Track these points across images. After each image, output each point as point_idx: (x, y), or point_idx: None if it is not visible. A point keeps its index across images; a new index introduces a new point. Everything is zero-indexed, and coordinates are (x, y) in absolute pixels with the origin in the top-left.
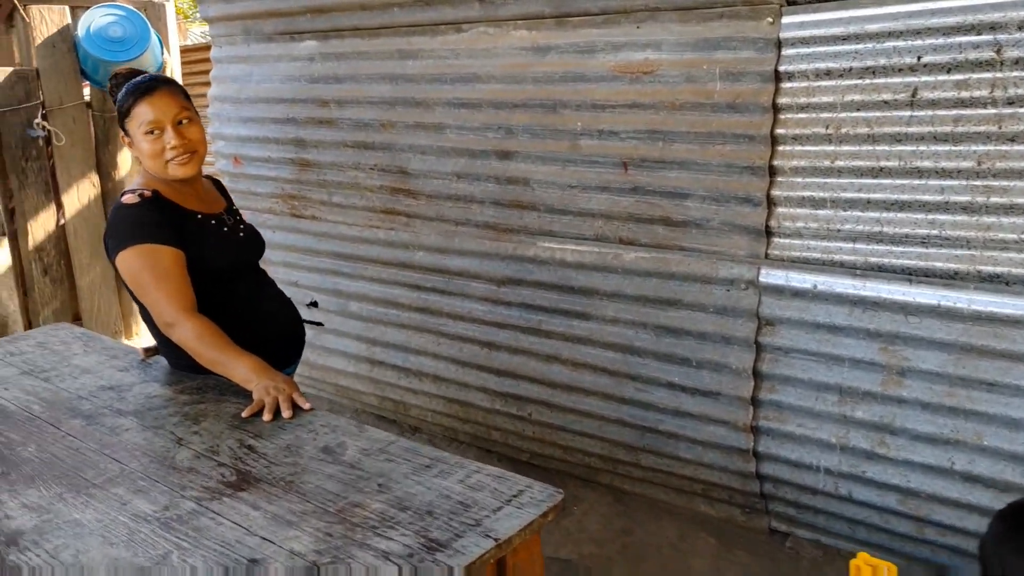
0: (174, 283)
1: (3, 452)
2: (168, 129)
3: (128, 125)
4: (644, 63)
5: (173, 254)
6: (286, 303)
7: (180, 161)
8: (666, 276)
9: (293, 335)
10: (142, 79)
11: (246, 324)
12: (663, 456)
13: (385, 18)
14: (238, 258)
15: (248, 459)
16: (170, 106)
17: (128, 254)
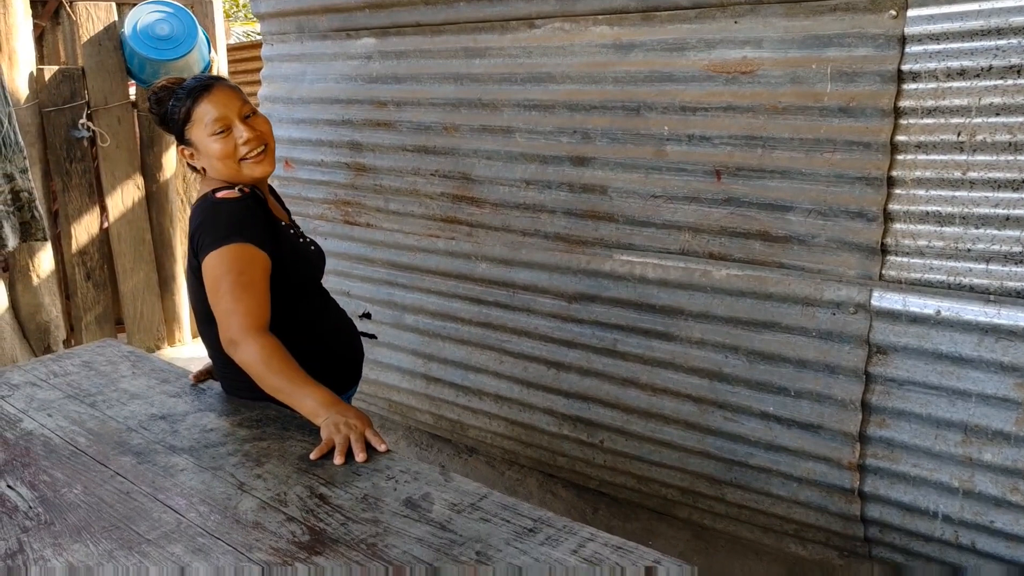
0: (256, 297)
1: (47, 495)
2: (237, 124)
3: (190, 132)
4: (742, 62)
5: (265, 264)
6: (349, 323)
7: (256, 158)
8: (762, 296)
9: (355, 358)
10: (192, 81)
11: (310, 344)
12: (752, 492)
13: (450, 13)
14: (309, 273)
15: (320, 512)
16: (232, 100)
17: (224, 252)
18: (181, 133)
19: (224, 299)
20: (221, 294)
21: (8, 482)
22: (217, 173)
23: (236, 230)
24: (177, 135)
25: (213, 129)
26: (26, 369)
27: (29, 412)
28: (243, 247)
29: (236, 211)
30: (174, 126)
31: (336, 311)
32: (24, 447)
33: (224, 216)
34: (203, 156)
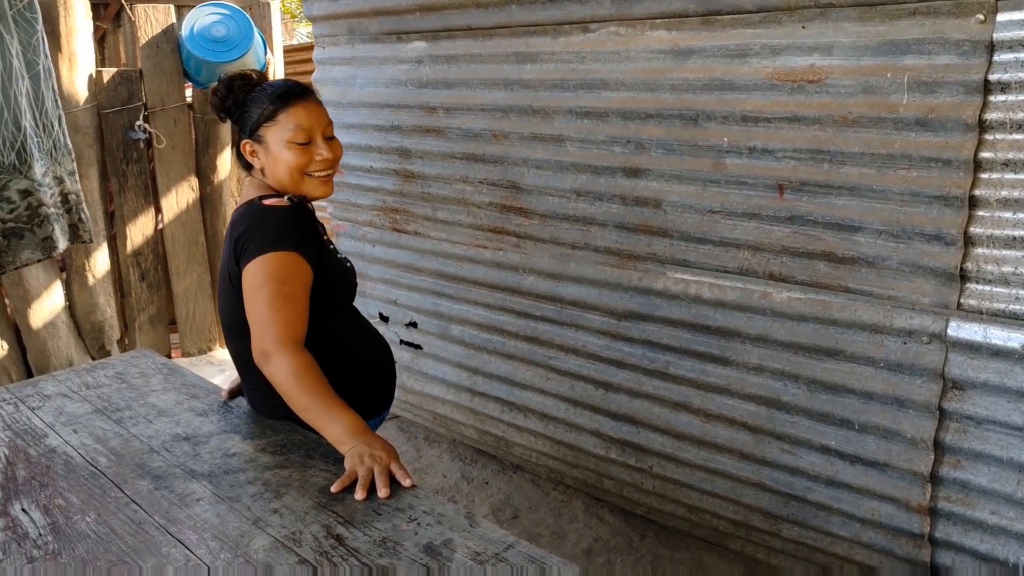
0: (295, 310)
1: (59, 522)
2: (318, 140)
3: (266, 131)
4: (810, 70)
5: (308, 277)
6: (383, 346)
7: (323, 178)
8: (826, 322)
9: (388, 382)
10: (283, 84)
11: (341, 365)
12: (810, 529)
13: (501, 16)
14: (345, 292)
15: (335, 556)
16: (322, 115)
17: (268, 260)
18: (255, 128)
19: (262, 308)
20: (260, 303)
21: (23, 505)
22: (276, 179)
23: (283, 238)
24: (248, 129)
25: (295, 138)
26: (60, 379)
27: (56, 427)
28: (289, 256)
29: (285, 219)
30: (248, 120)
31: (370, 332)
32: (45, 465)
33: (272, 224)
34: (269, 158)
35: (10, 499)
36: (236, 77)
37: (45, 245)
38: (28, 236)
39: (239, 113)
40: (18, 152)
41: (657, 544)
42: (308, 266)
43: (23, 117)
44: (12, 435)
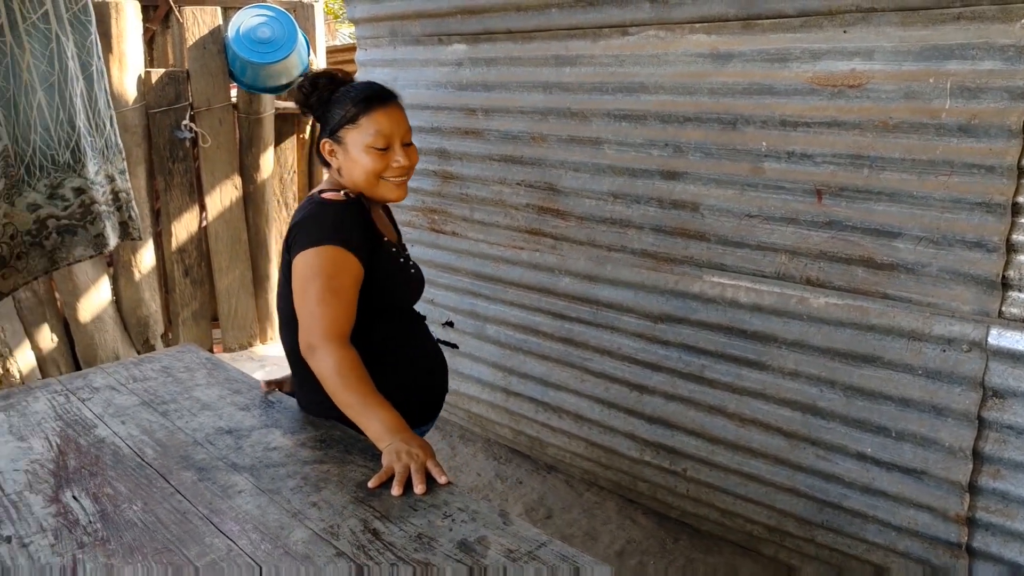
0: (341, 305)
1: (108, 510)
2: (397, 147)
3: (347, 133)
4: (850, 74)
5: (358, 273)
6: (435, 358)
7: (398, 183)
8: (864, 328)
9: (432, 397)
10: (370, 87)
11: (391, 370)
12: (845, 536)
13: (541, 20)
14: (404, 296)
15: (371, 549)
16: (403, 121)
17: (318, 252)
18: (336, 129)
19: (310, 301)
20: (308, 296)
21: (74, 492)
22: (352, 180)
23: (334, 232)
24: (329, 129)
25: (376, 143)
26: (109, 372)
27: (104, 418)
28: (338, 251)
29: (338, 213)
30: (331, 120)
31: (423, 343)
32: (95, 455)
33: (325, 217)
34: (347, 159)
35: (61, 487)
36: (322, 75)
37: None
38: (81, 233)
39: (322, 111)
40: (72, 151)
41: (690, 547)
42: (357, 262)
43: (77, 117)
44: (63, 425)
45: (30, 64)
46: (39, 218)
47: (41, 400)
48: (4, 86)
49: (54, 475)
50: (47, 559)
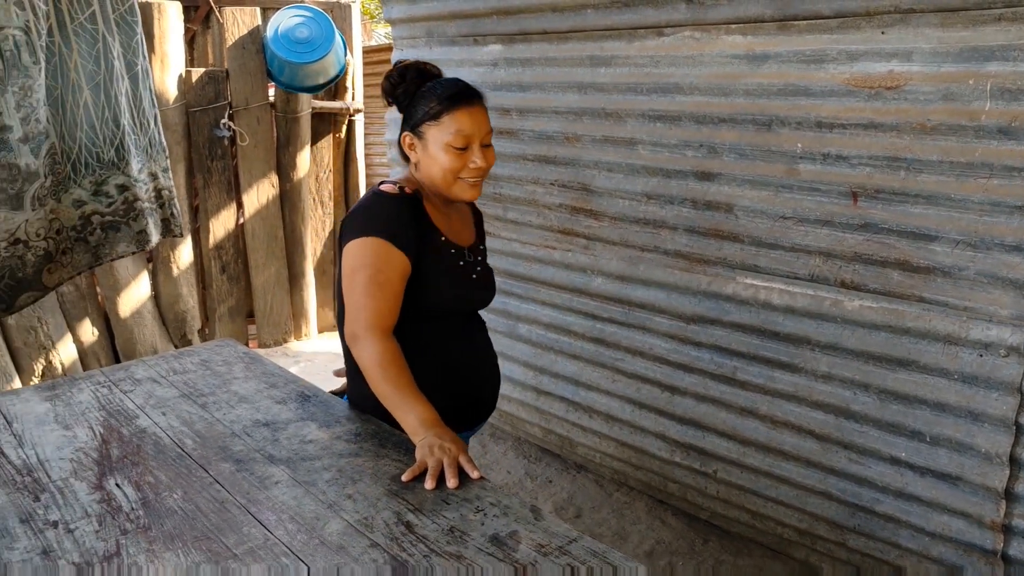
0: (386, 296)
1: (150, 498)
2: (475, 148)
3: (428, 129)
4: (888, 76)
5: (402, 264)
6: (491, 364)
7: (474, 183)
8: (899, 331)
9: (474, 405)
10: (455, 84)
11: (437, 373)
12: (877, 540)
13: (577, 20)
14: (459, 300)
15: (405, 541)
16: (484, 123)
17: (360, 243)
18: (418, 124)
19: (356, 292)
20: (354, 286)
21: (117, 480)
22: (427, 176)
23: (382, 225)
24: (411, 123)
25: (455, 142)
26: (150, 364)
27: (146, 409)
28: (382, 243)
29: (387, 206)
30: (414, 114)
31: (469, 349)
32: (136, 445)
33: (376, 209)
34: (426, 155)
35: (105, 474)
36: (412, 67)
37: (139, 238)
38: (124, 229)
39: (407, 104)
40: (117, 149)
41: (720, 549)
42: (403, 256)
43: (122, 115)
44: (106, 415)
45: (77, 63)
46: (84, 214)
47: (85, 391)
48: (52, 85)
49: (98, 463)
50: (91, 544)
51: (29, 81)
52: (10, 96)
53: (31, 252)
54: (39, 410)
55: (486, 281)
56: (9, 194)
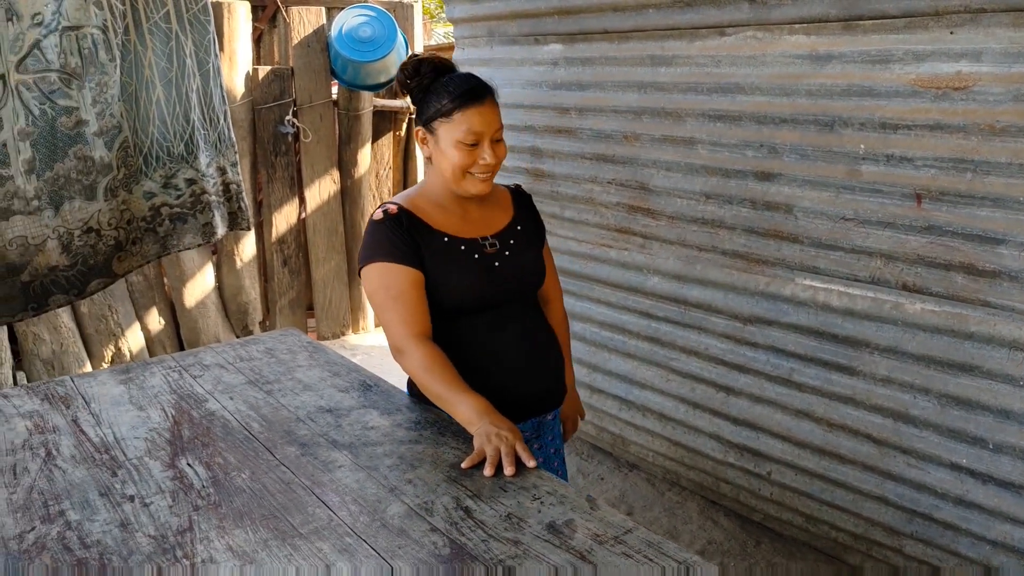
0: (406, 306)
1: (219, 477)
2: (485, 145)
3: (440, 125)
4: (956, 77)
5: (410, 275)
6: (532, 355)
7: (483, 179)
8: (962, 336)
9: (530, 396)
10: (471, 83)
11: (473, 368)
12: (936, 548)
13: (638, 20)
14: (480, 291)
15: (464, 526)
16: (495, 119)
17: (367, 271)
18: (430, 120)
19: (381, 314)
20: (378, 310)
21: (188, 460)
22: (439, 170)
23: (375, 251)
24: (424, 118)
25: (465, 139)
26: (218, 351)
27: (214, 394)
28: (382, 265)
29: (377, 233)
30: (427, 110)
31: (505, 343)
32: (206, 427)
33: (367, 239)
34: (437, 151)
35: (177, 454)
36: (426, 61)
37: (205, 230)
38: (191, 221)
39: (420, 98)
40: (186, 143)
41: (772, 552)
42: (405, 268)
43: (192, 111)
44: (178, 398)
45: (151, 61)
46: (154, 206)
47: (157, 375)
48: (127, 81)
49: (170, 443)
50: (166, 518)
51: (105, 78)
52: (87, 92)
53: (102, 241)
54: (115, 392)
55: (513, 269)
56: (84, 185)
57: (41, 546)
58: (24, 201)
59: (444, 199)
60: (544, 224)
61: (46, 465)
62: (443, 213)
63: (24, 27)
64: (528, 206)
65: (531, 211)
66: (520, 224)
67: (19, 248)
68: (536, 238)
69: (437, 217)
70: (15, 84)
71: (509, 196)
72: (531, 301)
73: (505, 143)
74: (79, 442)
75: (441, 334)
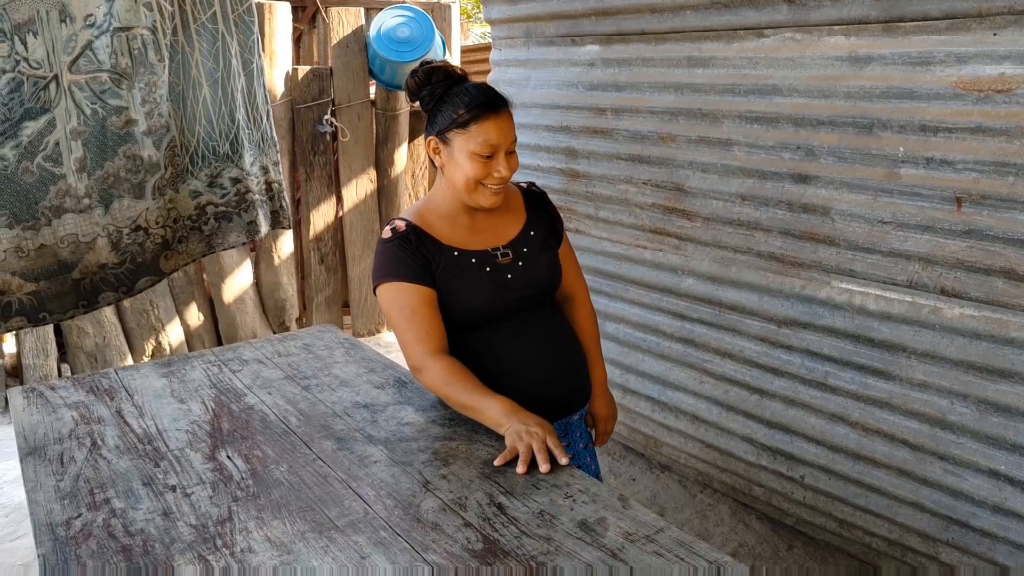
0: (420, 323)
1: (258, 469)
2: (500, 157)
3: (454, 136)
4: (999, 79)
5: (420, 293)
6: (552, 361)
7: (495, 191)
8: (1001, 341)
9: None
10: (488, 94)
11: (492, 379)
12: (973, 555)
13: (675, 22)
14: (493, 304)
15: (497, 522)
16: (510, 130)
17: (381, 291)
18: (445, 130)
19: (398, 333)
20: (394, 327)
21: (228, 453)
22: (450, 181)
23: (386, 270)
24: (437, 128)
25: (481, 151)
26: (256, 347)
27: (253, 388)
28: (393, 285)
29: (386, 252)
30: (440, 119)
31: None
32: (245, 420)
33: (378, 259)
34: (451, 161)
35: (217, 447)
36: (439, 69)
37: (250, 229)
38: (235, 220)
39: (432, 107)
40: (231, 143)
41: (805, 556)
42: (415, 285)
43: (237, 111)
44: (217, 392)
45: (198, 61)
46: (199, 205)
47: (197, 369)
48: (175, 81)
49: (210, 436)
50: (206, 508)
51: (154, 78)
52: (137, 92)
53: (150, 239)
54: (156, 385)
55: (528, 278)
56: (132, 183)
57: (87, 532)
58: (75, 199)
59: (453, 210)
60: (562, 219)
61: (92, 455)
62: (452, 226)
63: (77, 28)
64: (542, 205)
65: (545, 210)
66: (533, 229)
67: (70, 246)
68: (552, 239)
69: (446, 231)
70: (68, 84)
71: (521, 198)
72: (548, 304)
73: (518, 156)
74: (123, 433)
75: (458, 347)
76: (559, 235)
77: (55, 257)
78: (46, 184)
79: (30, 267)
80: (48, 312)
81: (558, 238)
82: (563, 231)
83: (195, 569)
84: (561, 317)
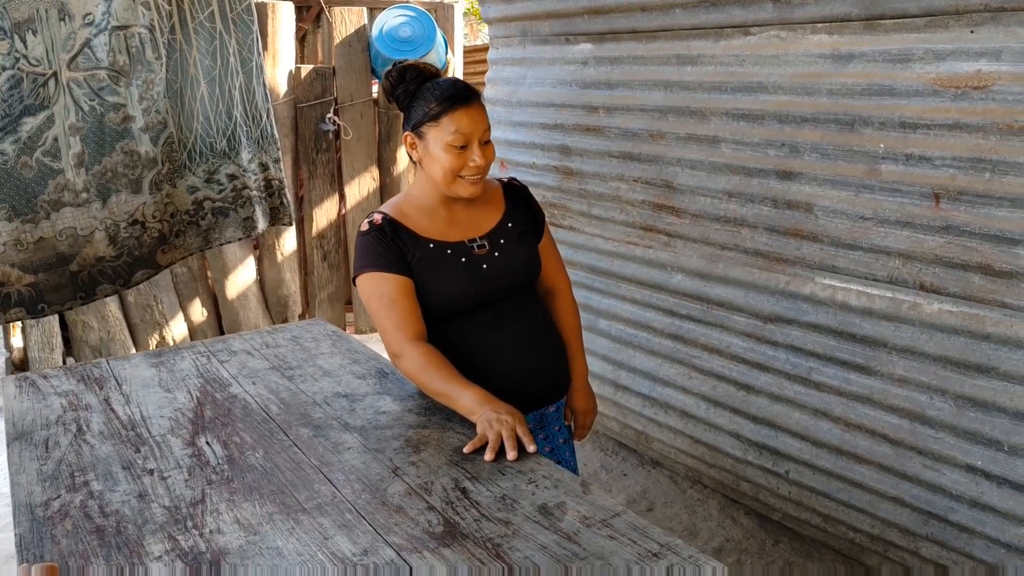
0: (399, 312)
1: (234, 455)
2: (475, 146)
3: (428, 130)
4: (975, 76)
5: (398, 282)
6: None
7: (473, 181)
8: (979, 336)
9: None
10: (452, 85)
11: (470, 369)
12: (951, 550)
13: (665, 20)
14: (468, 294)
15: (459, 506)
16: (481, 120)
17: (359, 281)
18: (419, 124)
19: (376, 321)
20: (374, 316)
21: (207, 438)
22: (429, 175)
23: (364, 261)
24: (412, 123)
25: (454, 142)
26: (245, 339)
27: (238, 378)
28: (371, 275)
29: (364, 245)
30: (414, 114)
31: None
32: (227, 408)
33: (357, 251)
34: (427, 155)
35: (197, 433)
36: (411, 68)
37: (246, 225)
38: (232, 215)
39: (406, 104)
40: (228, 139)
41: (790, 551)
42: (392, 275)
43: (235, 108)
44: (203, 382)
45: (196, 59)
46: (197, 200)
47: (187, 360)
48: (173, 79)
49: (192, 423)
50: (181, 491)
51: (151, 75)
52: (134, 89)
53: (147, 233)
54: (146, 374)
55: (504, 269)
56: (130, 179)
57: (64, 513)
58: (73, 193)
59: (431, 203)
60: (544, 214)
61: (76, 440)
62: (429, 218)
63: (76, 26)
64: (522, 199)
65: (526, 204)
66: (511, 221)
67: (68, 239)
68: (531, 232)
69: (423, 223)
70: (66, 81)
71: (501, 192)
72: (527, 296)
73: (493, 146)
74: (108, 419)
75: (437, 338)
76: (540, 230)
77: (53, 250)
78: (45, 178)
79: (29, 259)
80: (46, 303)
81: (538, 233)
82: (545, 225)
83: (163, 547)
84: (539, 310)
